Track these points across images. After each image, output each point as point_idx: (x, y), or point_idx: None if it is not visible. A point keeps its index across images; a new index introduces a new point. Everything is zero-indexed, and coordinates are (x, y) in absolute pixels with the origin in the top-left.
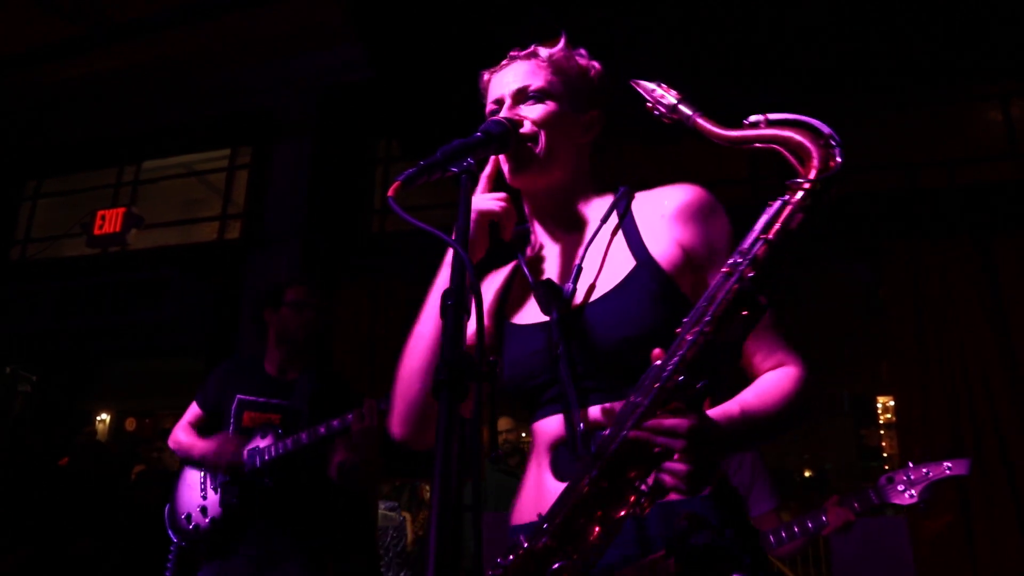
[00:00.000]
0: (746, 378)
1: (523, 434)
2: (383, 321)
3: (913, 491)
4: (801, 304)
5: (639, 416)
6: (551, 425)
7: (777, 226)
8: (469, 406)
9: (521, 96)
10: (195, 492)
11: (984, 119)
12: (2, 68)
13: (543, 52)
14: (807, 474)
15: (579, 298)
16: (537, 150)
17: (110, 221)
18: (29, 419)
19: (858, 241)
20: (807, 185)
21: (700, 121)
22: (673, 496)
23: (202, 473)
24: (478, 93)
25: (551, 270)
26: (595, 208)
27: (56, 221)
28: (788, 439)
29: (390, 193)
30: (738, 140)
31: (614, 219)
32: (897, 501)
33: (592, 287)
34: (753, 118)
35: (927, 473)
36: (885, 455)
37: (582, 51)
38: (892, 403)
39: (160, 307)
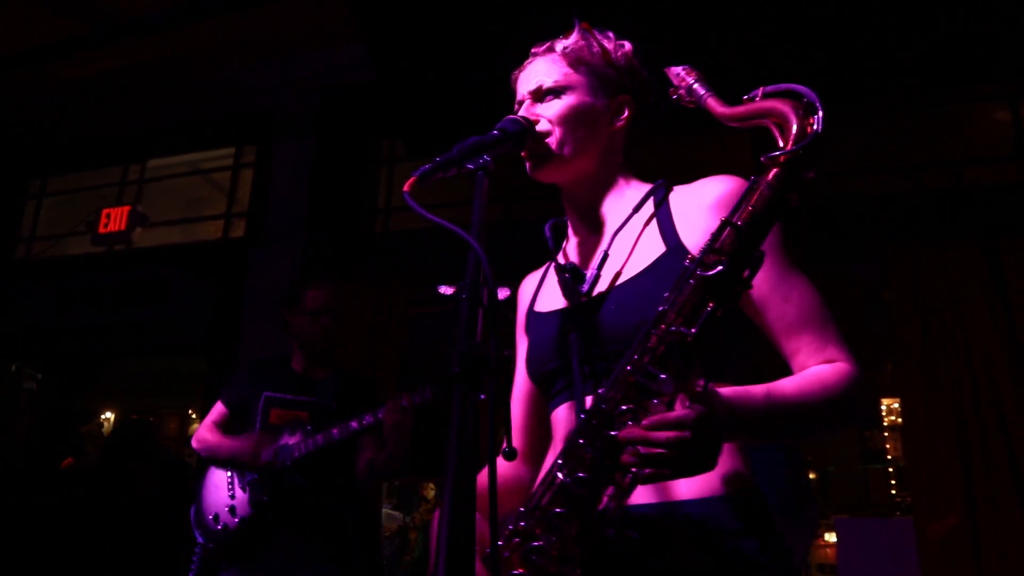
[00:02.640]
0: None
1: None
2: (385, 322)
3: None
4: None
5: (601, 418)
6: (563, 414)
7: (746, 207)
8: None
9: (538, 94)
10: (222, 492)
11: (991, 120)
12: (7, 66)
13: (559, 45)
14: (811, 476)
15: (603, 284)
16: (553, 147)
17: (115, 219)
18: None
19: (863, 242)
20: (780, 159)
21: (710, 101)
22: (685, 494)
23: (229, 473)
24: (482, 91)
25: (579, 257)
26: (628, 198)
27: (61, 219)
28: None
29: (406, 188)
30: (736, 116)
31: (648, 208)
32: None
33: (618, 273)
34: (753, 93)
35: None
36: (889, 458)
37: (609, 34)
38: (897, 405)
39: (163, 306)
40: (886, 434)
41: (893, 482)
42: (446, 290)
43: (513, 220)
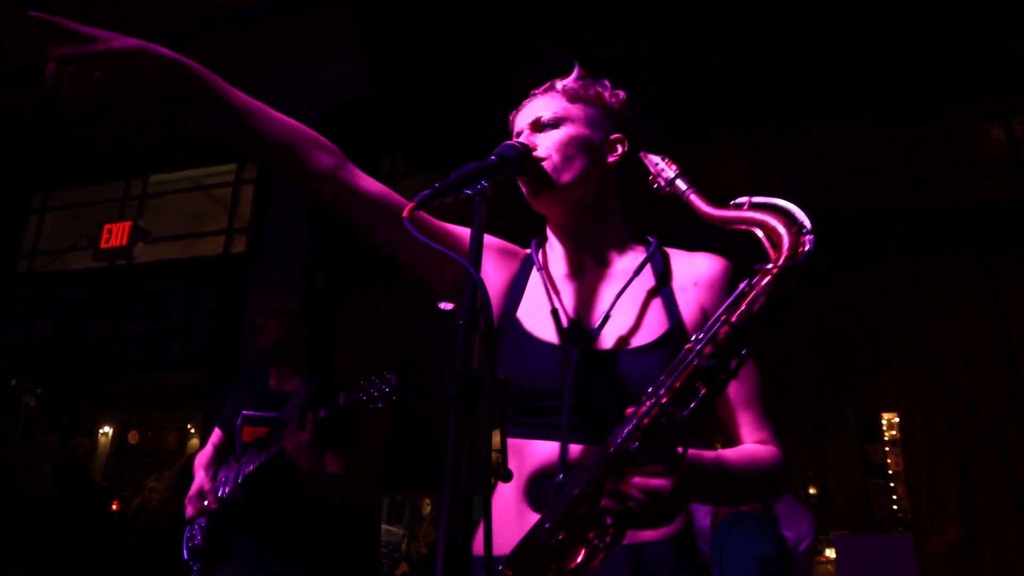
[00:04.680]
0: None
1: None
2: (385, 335)
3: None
4: (806, 320)
5: (589, 478)
6: (542, 450)
7: (741, 308)
8: None
9: (537, 125)
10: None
11: (986, 137)
12: (10, 81)
13: (559, 84)
14: (811, 491)
15: (606, 343)
16: (551, 173)
17: (117, 235)
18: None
19: (862, 257)
20: (774, 271)
21: (693, 198)
22: (642, 536)
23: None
24: (483, 108)
25: (573, 299)
26: (623, 246)
27: (63, 234)
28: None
29: (404, 214)
30: (722, 220)
31: (648, 272)
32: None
33: (622, 339)
34: (739, 200)
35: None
36: (890, 472)
37: (605, 82)
38: (896, 419)
39: (164, 319)
40: (887, 448)
41: (895, 496)
42: (445, 305)
43: (515, 237)
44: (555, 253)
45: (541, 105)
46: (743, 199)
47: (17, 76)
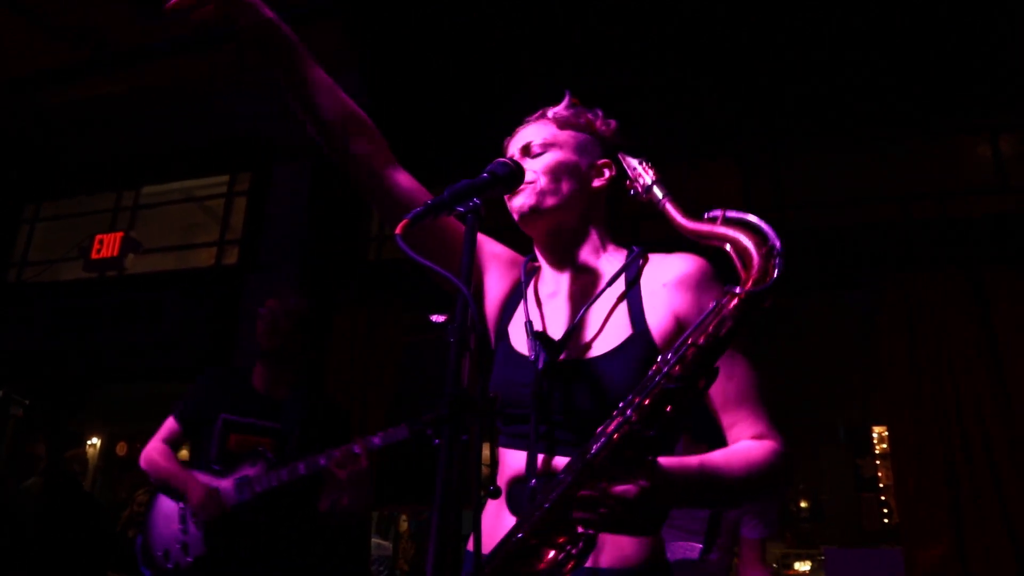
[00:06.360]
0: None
1: None
2: (380, 349)
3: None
4: (796, 334)
5: (561, 491)
6: (517, 460)
7: (708, 331)
8: None
9: (527, 150)
10: (173, 525)
11: (975, 153)
12: (4, 91)
13: (550, 112)
14: (803, 504)
15: (571, 352)
16: (537, 195)
17: (108, 245)
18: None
19: (852, 271)
20: (741, 295)
21: (668, 206)
22: (609, 564)
23: (181, 504)
24: (477, 122)
25: (551, 313)
26: (606, 260)
27: (54, 244)
28: None
29: (398, 231)
30: (695, 233)
31: (621, 281)
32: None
33: (587, 346)
34: (714, 213)
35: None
36: (881, 485)
37: (598, 111)
38: (887, 433)
39: (156, 330)
40: (877, 461)
41: (886, 510)
42: (437, 318)
43: None
44: (544, 268)
45: (532, 132)
46: (717, 212)
47: (10, 85)
